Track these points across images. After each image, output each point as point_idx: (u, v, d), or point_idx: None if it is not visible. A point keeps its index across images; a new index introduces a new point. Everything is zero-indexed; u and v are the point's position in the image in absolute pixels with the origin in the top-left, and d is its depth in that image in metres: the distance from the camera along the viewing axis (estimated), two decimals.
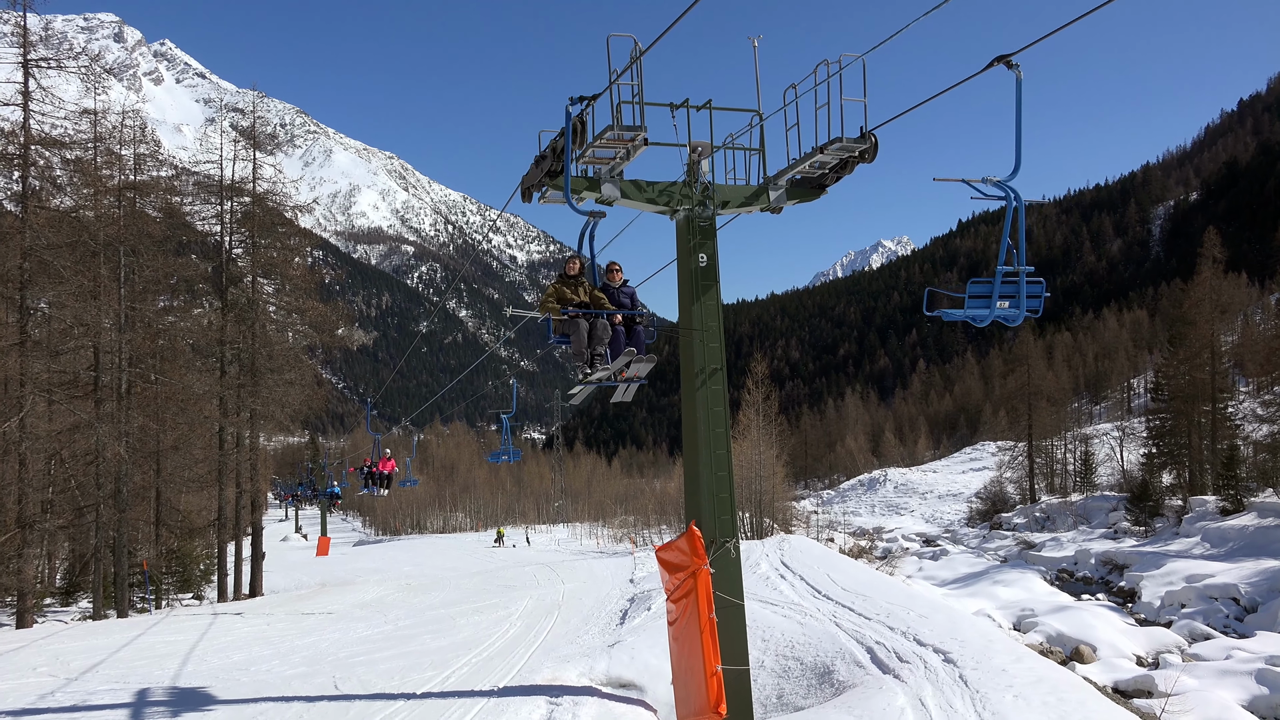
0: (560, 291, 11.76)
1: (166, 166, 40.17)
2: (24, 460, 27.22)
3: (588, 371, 11.50)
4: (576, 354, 11.45)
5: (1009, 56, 8.72)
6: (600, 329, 11.43)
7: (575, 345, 11.41)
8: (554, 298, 11.71)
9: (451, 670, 15.09)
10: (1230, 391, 54.84)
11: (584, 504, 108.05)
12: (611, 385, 12.03)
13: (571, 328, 11.40)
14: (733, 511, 11.56)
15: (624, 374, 11.76)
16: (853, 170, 11.62)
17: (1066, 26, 7.74)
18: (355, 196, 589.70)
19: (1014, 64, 8.73)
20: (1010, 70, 8.75)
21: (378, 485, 31.24)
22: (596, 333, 11.43)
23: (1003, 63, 8.75)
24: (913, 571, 47.74)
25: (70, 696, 13.80)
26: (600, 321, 11.47)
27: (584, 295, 11.78)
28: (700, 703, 10.57)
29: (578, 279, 11.99)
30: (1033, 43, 8.26)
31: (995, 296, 8.62)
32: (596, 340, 11.41)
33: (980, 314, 8.80)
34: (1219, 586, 32.79)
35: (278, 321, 42.47)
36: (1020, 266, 8.80)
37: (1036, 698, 9.76)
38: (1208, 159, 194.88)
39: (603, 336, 11.42)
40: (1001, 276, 8.74)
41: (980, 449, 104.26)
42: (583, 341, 11.35)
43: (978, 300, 8.73)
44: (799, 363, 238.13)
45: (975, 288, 8.74)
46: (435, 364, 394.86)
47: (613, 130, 10.33)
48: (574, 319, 11.41)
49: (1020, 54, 8.66)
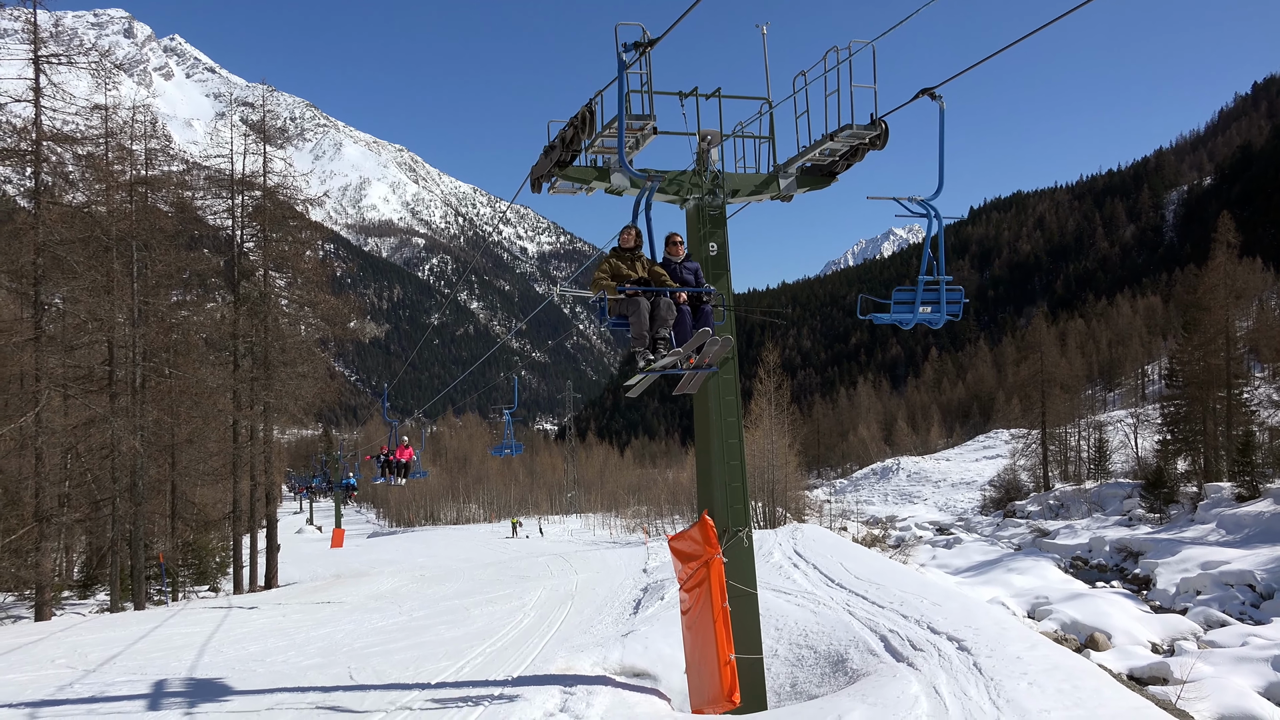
0: (615, 267, 10.39)
1: (177, 161, 40.38)
2: (40, 455, 27.40)
3: (650, 358, 9.98)
4: (636, 338, 9.97)
5: (933, 89, 9.69)
6: (664, 309, 9.97)
7: (635, 329, 9.96)
8: (608, 274, 10.34)
9: (466, 660, 15.15)
10: (1245, 377, 54.58)
11: (596, 494, 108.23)
12: (676, 374, 10.51)
13: (630, 308, 9.98)
14: (745, 501, 11.55)
15: (693, 360, 10.16)
16: (863, 157, 11.57)
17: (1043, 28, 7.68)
18: (366, 189, 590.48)
19: (937, 95, 9.69)
20: (934, 101, 9.75)
21: (395, 474, 30.36)
22: (660, 313, 9.96)
23: (927, 94, 9.75)
24: (926, 560, 47.69)
25: (88, 688, 13.91)
26: (663, 300, 10.03)
27: (642, 271, 10.42)
28: (714, 691, 10.59)
29: (634, 252, 10.59)
30: (998, 54, 8.20)
31: (918, 302, 9.43)
32: (660, 322, 9.95)
33: (905, 318, 9.63)
34: (1235, 573, 32.65)
35: (290, 315, 42.59)
36: (940, 276, 9.54)
37: (1051, 685, 9.74)
38: (1222, 143, 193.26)
39: (667, 317, 9.95)
40: (923, 285, 9.54)
41: (993, 437, 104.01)
42: (644, 324, 9.91)
43: (902, 306, 9.53)
44: (810, 352, 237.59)
45: (900, 294, 9.52)
46: (447, 356, 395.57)
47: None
48: (632, 298, 9.99)
49: (1003, 52, 8.62)
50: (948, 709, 9.33)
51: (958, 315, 9.85)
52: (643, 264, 10.51)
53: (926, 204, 9.63)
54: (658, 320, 9.96)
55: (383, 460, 30.51)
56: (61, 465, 31.10)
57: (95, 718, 11.58)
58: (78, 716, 11.72)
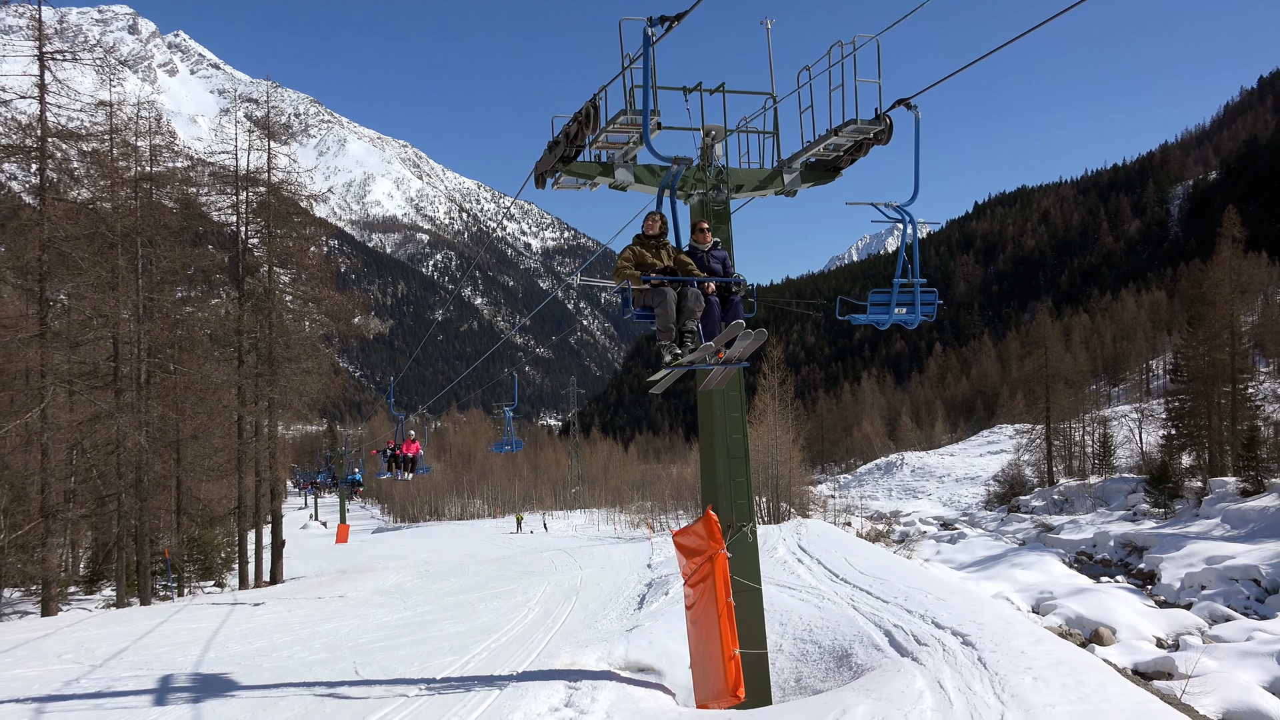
0: (639, 255, 9.78)
1: (182, 157, 40.47)
2: (46, 450, 27.48)
3: (677, 352, 9.39)
4: (663, 331, 9.36)
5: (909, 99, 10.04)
6: (692, 299, 9.39)
7: (661, 320, 9.34)
8: (632, 263, 9.72)
9: (470, 655, 15.18)
10: (1250, 372, 54.42)
11: (600, 490, 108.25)
12: (705, 369, 9.97)
13: (656, 299, 9.39)
14: (749, 496, 11.55)
15: (722, 354, 9.58)
16: (867, 152, 11.57)
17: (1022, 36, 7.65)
18: (370, 185, 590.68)
19: (913, 105, 10.06)
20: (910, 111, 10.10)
21: (402, 468, 29.44)
22: (687, 304, 9.38)
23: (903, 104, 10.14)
24: (930, 555, 47.68)
25: (95, 683, 13.96)
26: (691, 290, 9.43)
27: (667, 260, 9.84)
28: (719, 686, 10.61)
29: (659, 240, 9.99)
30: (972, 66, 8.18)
31: (893, 304, 9.75)
32: (688, 314, 9.38)
33: (881, 318, 9.93)
34: (1239, 568, 32.61)
35: (294, 311, 42.67)
36: (915, 279, 9.82)
37: (1056, 679, 9.74)
38: (1227, 137, 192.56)
39: (695, 309, 9.39)
40: (898, 287, 9.84)
41: (997, 432, 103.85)
42: (670, 315, 9.30)
43: (878, 307, 9.83)
44: (815, 347, 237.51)
45: (876, 296, 9.84)
46: (451, 351, 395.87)
47: (626, 115, 10.26)
48: (658, 288, 9.39)
49: (1017, 41, 8.60)
50: (952, 703, 9.33)
51: (931, 316, 10.07)
52: (668, 252, 9.93)
53: (902, 210, 9.87)
54: (685, 312, 9.41)
55: (389, 455, 29.77)
56: (67, 461, 31.20)
57: (102, 713, 11.62)
58: (84, 712, 11.76)
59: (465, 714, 10.61)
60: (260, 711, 11.27)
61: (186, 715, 11.28)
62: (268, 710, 11.32)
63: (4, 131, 28.63)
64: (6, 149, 28.44)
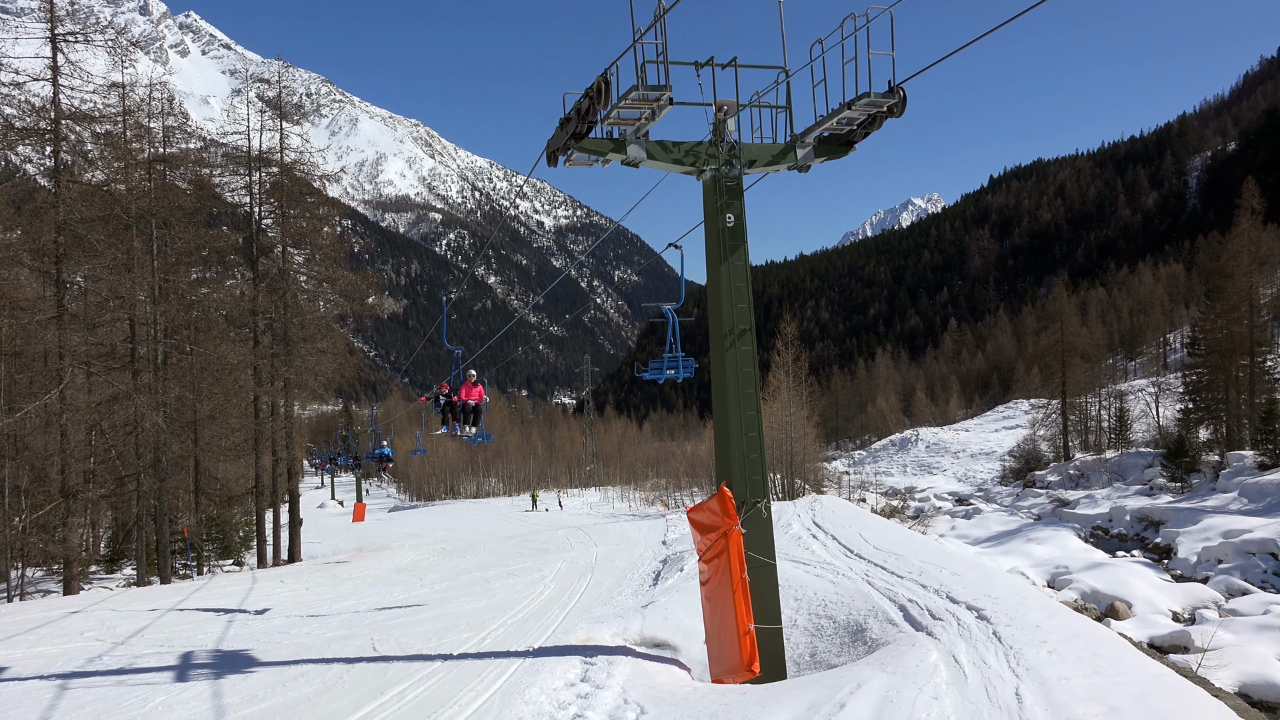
0: None
1: (195, 138, 40.51)
2: (65, 431, 27.72)
3: None
4: None
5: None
6: None
7: None
8: None
9: (487, 632, 15.29)
10: (1269, 345, 53.91)
11: (615, 467, 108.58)
12: None
13: None
14: (763, 472, 11.56)
15: None
16: (881, 125, 11.47)
17: None
18: (382, 165, 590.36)
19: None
20: None
21: (462, 420, 20.57)
22: None
23: None
24: (945, 530, 47.64)
25: (117, 660, 14.14)
26: None
27: None
28: (733, 661, 10.66)
29: None
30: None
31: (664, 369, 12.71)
32: None
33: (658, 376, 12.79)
34: (1257, 541, 32.46)
35: (309, 291, 42.78)
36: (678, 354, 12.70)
37: (1071, 653, 9.74)
38: (1246, 108, 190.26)
39: None
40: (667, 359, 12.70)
41: (1013, 407, 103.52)
42: None
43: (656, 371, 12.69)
44: (829, 323, 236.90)
45: (654, 364, 12.72)
46: (465, 330, 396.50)
47: (637, 90, 10.20)
48: None
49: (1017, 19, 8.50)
50: (967, 677, 9.35)
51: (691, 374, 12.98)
52: None
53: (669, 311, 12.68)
54: None
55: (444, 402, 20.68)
56: (86, 442, 31.46)
57: (124, 688, 11.78)
58: (107, 687, 11.92)
59: (483, 689, 10.69)
60: (280, 687, 11.38)
61: (207, 691, 11.41)
62: (288, 686, 11.43)
63: (18, 114, 28.71)
64: (21, 132, 28.52)
